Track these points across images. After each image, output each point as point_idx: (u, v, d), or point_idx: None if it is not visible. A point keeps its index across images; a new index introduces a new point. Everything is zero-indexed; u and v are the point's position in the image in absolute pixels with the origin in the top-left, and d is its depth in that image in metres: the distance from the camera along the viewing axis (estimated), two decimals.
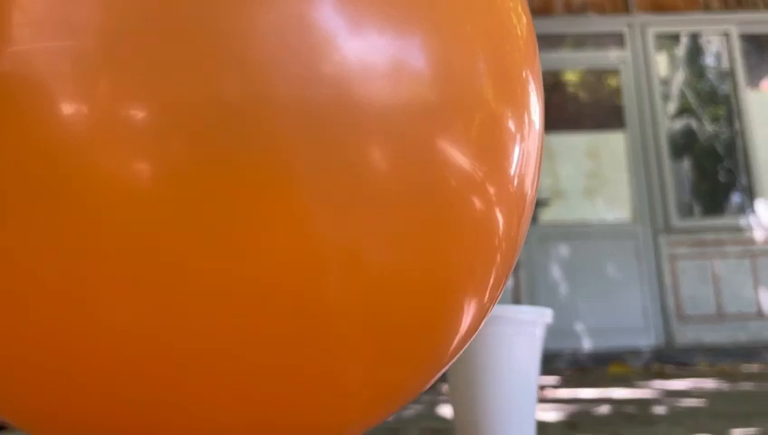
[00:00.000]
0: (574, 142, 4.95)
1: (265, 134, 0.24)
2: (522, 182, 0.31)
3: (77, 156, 0.23)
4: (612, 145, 4.91)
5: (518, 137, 0.31)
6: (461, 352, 0.37)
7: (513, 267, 0.35)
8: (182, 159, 0.23)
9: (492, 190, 0.29)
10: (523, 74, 0.32)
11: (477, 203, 0.28)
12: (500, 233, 0.30)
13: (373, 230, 0.26)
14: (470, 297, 0.30)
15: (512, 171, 0.30)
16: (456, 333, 0.31)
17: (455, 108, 0.27)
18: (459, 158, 0.27)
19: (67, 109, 0.23)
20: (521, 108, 0.31)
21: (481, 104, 0.29)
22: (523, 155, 0.31)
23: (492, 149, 0.29)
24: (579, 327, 4.46)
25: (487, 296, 0.32)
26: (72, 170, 0.23)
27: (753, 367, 3.10)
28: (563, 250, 4.63)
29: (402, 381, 0.31)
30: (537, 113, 0.33)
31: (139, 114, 0.23)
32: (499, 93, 0.30)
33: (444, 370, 0.33)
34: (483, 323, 0.34)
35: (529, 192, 0.33)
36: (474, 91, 0.28)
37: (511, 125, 0.30)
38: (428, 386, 0.33)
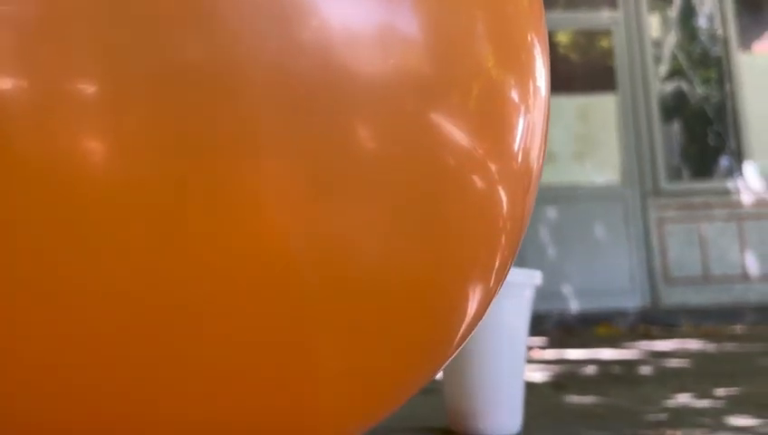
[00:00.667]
0: (565, 105, 4.93)
1: (235, 108, 0.21)
2: (527, 157, 0.28)
3: (26, 134, 0.20)
4: (603, 107, 4.90)
5: (522, 108, 0.27)
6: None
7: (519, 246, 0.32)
8: (137, 137, 0.20)
9: (494, 168, 0.26)
10: (528, 38, 0.29)
11: (478, 182, 0.25)
12: (504, 213, 0.27)
13: (361, 212, 0.23)
14: (474, 283, 0.28)
15: (516, 146, 0.27)
16: (462, 322, 0.29)
17: (450, 78, 0.25)
18: (456, 133, 0.24)
19: (6, 83, 0.20)
20: (525, 76, 0.28)
21: (480, 73, 0.26)
22: (527, 127, 0.28)
23: (493, 123, 0.26)
24: (566, 289, 4.51)
25: (493, 280, 0.30)
26: (21, 148, 0.20)
27: (737, 328, 3.16)
28: (552, 213, 4.65)
29: (406, 372, 0.28)
30: (543, 80, 0.30)
31: (87, 87, 0.20)
32: (501, 60, 0.27)
33: (451, 357, 0.31)
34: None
35: (535, 166, 0.30)
36: (472, 58, 0.25)
37: (514, 95, 0.27)
38: (437, 373, 0.31)
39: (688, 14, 5.02)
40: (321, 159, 0.22)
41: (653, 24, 5.02)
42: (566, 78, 5.04)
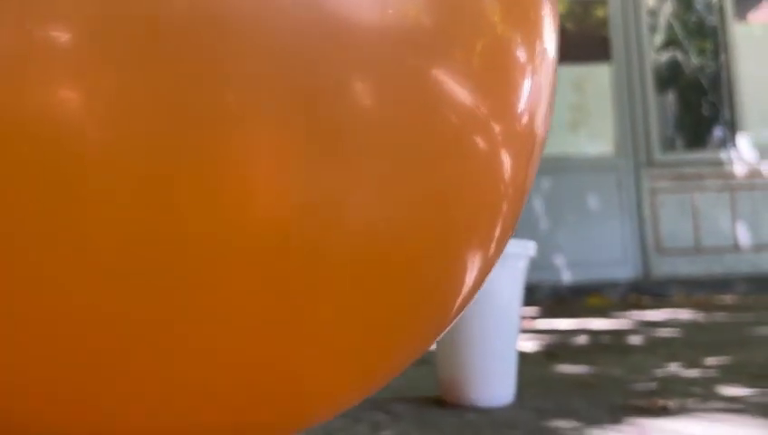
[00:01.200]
0: (559, 74, 4.90)
1: (222, 61, 0.19)
2: (531, 120, 0.27)
3: None
4: (597, 77, 4.88)
5: (528, 68, 0.26)
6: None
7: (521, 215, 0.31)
8: (117, 93, 0.19)
9: (497, 129, 0.25)
10: None
11: (480, 143, 0.24)
12: (506, 178, 0.26)
13: (358, 175, 0.22)
14: (473, 252, 0.27)
15: (520, 107, 0.26)
16: (459, 292, 0.28)
17: (453, 33, 0.23)
18: (458, 92, 0.23)
19: None
20: (533, 35, 0.26)
21: (484, 29, 0.24)
22: (533, 89, 0.26)
23: (497, 82, 0.24)
24: (559, 259, 4.53)
25: (492, 250, 0.28)
26: None
27: (728, 298, 3.19)
28: (545, 183, 4.65)
29: (401, 343, 0.27)
30: (552, 43, 0.29)
31: (59, 36, 0.19)
32: (507, 16, 0.25)
33: (449, 328, 0.30)
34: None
35: (539, 132, 0.28)
36: (476, 13, 0.24)
37: (520, 54, 0.25)
38: (431, 345, 0.30)
39: None
40: (313, 117, 0.21)
41: None
42: (561, 48, 5.00)
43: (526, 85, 0.26)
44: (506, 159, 0.26)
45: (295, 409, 0.27)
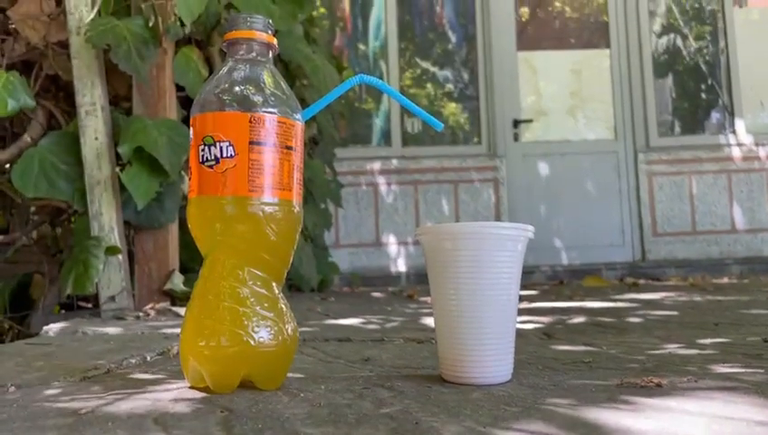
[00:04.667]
0: (559, 60, 4.89)
1: None
2: None
3: None
4: (597, 63, 4.87)
5: None
6: (444, 268, 0.35)
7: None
8: None
9: None
10: None
11: None
12: None
13: None
14: None
15: None
16: None
17: None
18: None
19: None
20: None
21: None
22: None
23: None
24: (557, 242, 4.55)
25: None
26: None
27: (724, 280, 3.21)
28: (545, 168, 4.66)
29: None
30: None
31: None
32: None
33: None
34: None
35: None
36: None
37: None
38: None
39: None
40: None
41: None
42: (561, 34, 4.99)
43: None
44: None
45: None
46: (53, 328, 1.44)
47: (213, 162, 0.67)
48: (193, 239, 0.71)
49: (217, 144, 0.67)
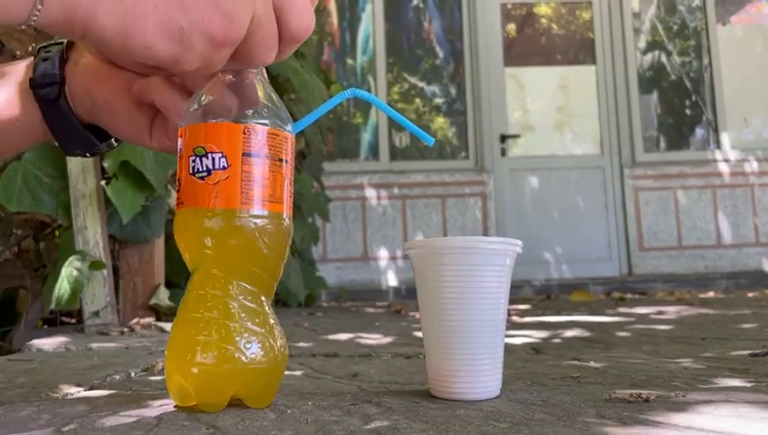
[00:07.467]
0: (546, 76, 4.93)
1: None
2: None
3: None
4: (583, 79, 4.91)
5: None
6: (433, 282, 0.34)
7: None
8: None
9: None
10: None
11: None
12: None
13: None
14: None
15: None
16: None
17: None
18: None
19: None
20: None
21: None
22: None
23: None
24: (545, 256, 4.57)
25: None
26: None
27: (710, 294, 3.23)
28: (533, 182, 4.68)
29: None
30: None
31: None
32: None
33: None
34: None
35: None
36: None
37: None
38: None
39: None
40: None
41: None
42: (547, 50, 5.04)
43: None
44: None
45: None
46: (36, 344, 1.42)
47: (204, 174, 0.66)
48: (179, 253, 0.70)
49: (209, 155, 0.66)
